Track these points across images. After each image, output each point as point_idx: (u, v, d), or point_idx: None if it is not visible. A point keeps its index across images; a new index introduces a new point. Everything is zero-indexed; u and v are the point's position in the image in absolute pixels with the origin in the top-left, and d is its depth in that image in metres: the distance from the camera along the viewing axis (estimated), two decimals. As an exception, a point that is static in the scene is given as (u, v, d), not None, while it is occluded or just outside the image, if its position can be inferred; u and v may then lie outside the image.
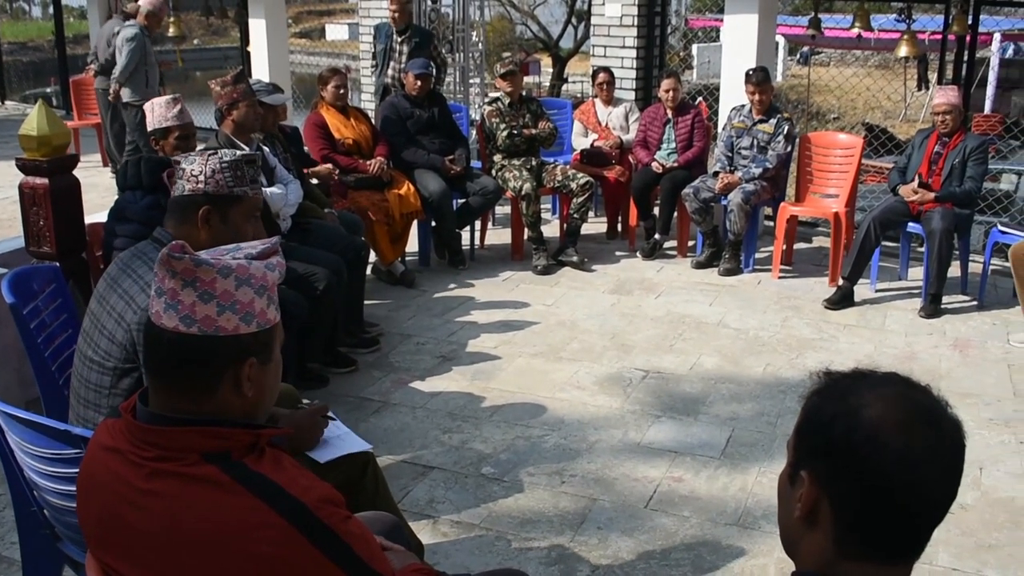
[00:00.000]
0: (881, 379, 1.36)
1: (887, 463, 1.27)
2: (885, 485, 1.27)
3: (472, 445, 4.36)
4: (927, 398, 1.34)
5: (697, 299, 6.40)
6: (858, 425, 1.29)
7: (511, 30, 33.42)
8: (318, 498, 1.67)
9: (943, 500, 1.31)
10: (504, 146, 7.09)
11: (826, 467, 1.32)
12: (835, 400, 1.34)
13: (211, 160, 2.73)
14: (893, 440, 1.27)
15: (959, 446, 1.32)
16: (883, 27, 13.63)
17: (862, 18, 7.39)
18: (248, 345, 1.70)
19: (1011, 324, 5.99)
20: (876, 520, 1.29)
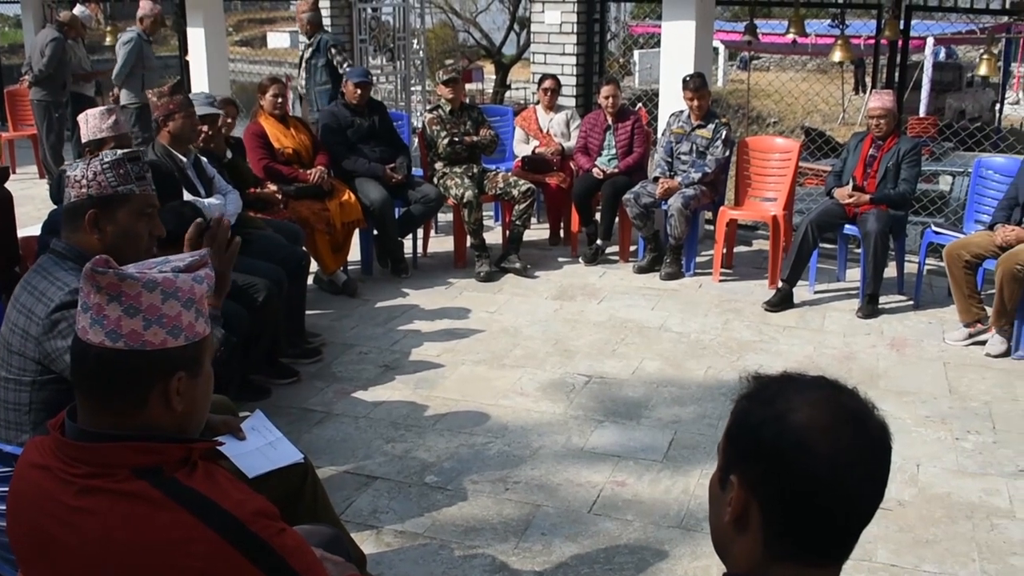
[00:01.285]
0: (809, 383, 1.38)
1: (815, 466, 1.28)
2: (813, 488, 1.29)
3: (415, 454, 4.35)
4: (854, 401, 1.35)
5: (639, 304, 6.44)
6: (786, 429, 1.30)
7: (453, 37, 33.42)
8: (252, 511, 1.66)
9: (870, 501, 1.33)
10: (445, 154, 7.09)
11: (755, 471, 1.33)
12: (764, 404, 1.35)
13: (92, 163, 2.69)
14: (820, 443, 1.28)
15: (886, 448, 1.34)
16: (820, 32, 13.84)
17: (796, 24, 7.50)
18: (176, 359, 1.69)
19: (946, 323, 6.10)
20: (805, 522, 1.31)
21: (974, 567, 3.56)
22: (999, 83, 23.51)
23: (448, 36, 33.14)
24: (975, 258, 5.76)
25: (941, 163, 11.19)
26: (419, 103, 10.72)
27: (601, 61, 8.88)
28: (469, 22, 32.32)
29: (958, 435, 4.64)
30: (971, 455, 4.44)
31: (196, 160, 5.21)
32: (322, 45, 8.34)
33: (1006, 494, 4.09)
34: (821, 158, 12.56)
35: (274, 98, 6.56)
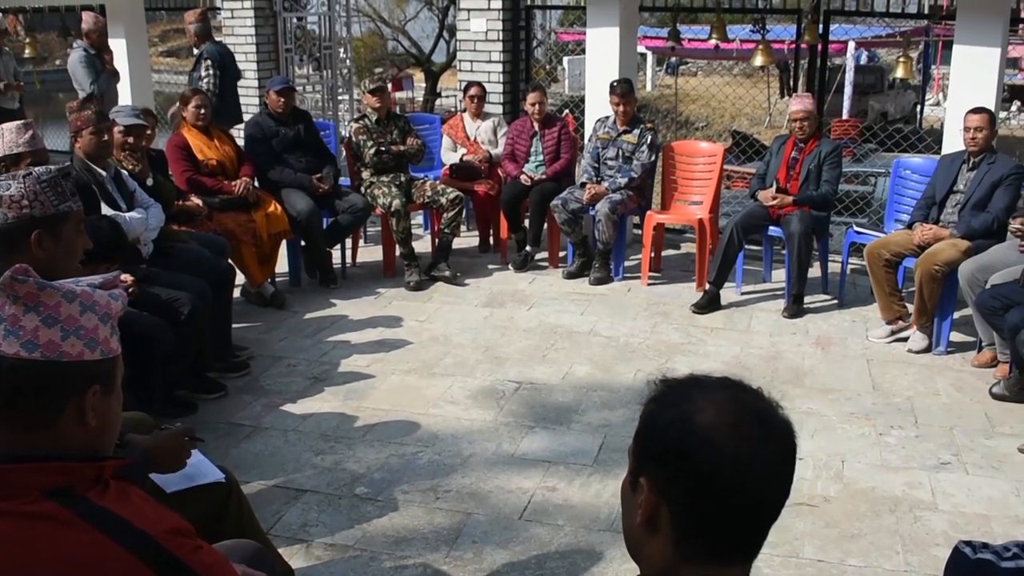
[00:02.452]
0: (714, 384, 1.39)
1: (721, 465, 1.29)
2: (720, 488, 1.30)
3: (345, 466, 4.32)
4: (759, 401, 1.37)
5: (569, 309, 6.46)
6: (692, 430, 1.31)
7: (382, 45, 33.37)
8: (166, 529, 1.64)
9: (776, 499, 1.35)
10: (372, 163, 7.06)
11: (663, 472, 1.34)
12: (670, 407, 1.36)
13: (28, 181, 2.64)
14: (726, 442, 1.30)
15: (790, 445, 1.35)
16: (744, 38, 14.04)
17: (718, 29, 7.60)
18: (92, 372, 1.67)
19: (869, 321, 6.21)
20: (713, 522, 1.32)
21: (898, 559, 3.62)
22: (920, 85, 24.06)
23: (377, 44, 33.08)
24: (895, 257, 5.88)
25: (862, 164, 11.42)
26: (347, 112, 10.67)
27: (527, 68, 8.91)
28: (398, 30, 32.29)
29: (882, 430, 4.73)
30: (894, 450, 4.53)
31: (117, 174, 5.12)
32: (203, 57, 8.21)
33: (928, 487, 4.18)
34: (747, 161, 12.72)
35: (196, 109, 6.47)
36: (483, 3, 8.50)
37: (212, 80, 8.04)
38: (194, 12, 8.39)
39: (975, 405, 5.06)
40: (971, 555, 1.79)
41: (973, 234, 5.63)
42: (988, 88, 6.32)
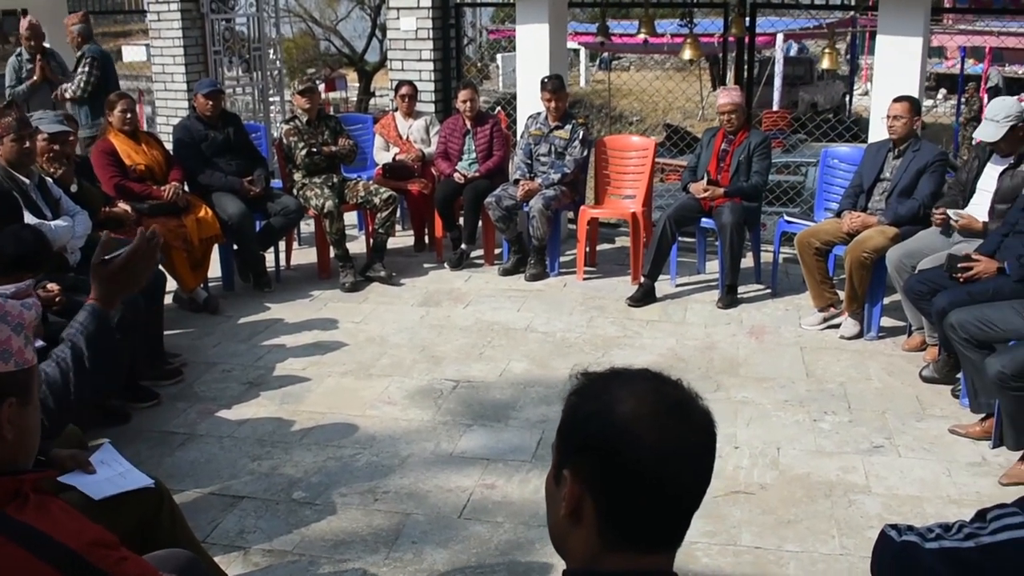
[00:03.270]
0: (634, 376, 1.40)
1: (641, 456, 1.30)
2: (641, 477, 1.31)
3: (282, 470, 4.28)
4: (677, 391, 1.38)
5: (505, 306, 6.47)
6: (613, 421, 1.32)
7: (314, 46, 33.09)
8: (89, 542, 1.61)
9: (697, 488, 1.36)
10: (304, 164, 7.00)
11: (586, 464, 1.34)
12: (591, 399, 1.37)
13: None
14: (646, 433, 1.31)
15: (710, 435, 1.37)
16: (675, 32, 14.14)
17: (647, 24, 7.64)
18: (7, 384, 1.63)
19: (802, 309, 6.30)
20: (635, 512, 1.33)
21: (834, 543, 3.68)
22: (848, 75, 24.45)
23: (309, 45, 32.80)
24: (825, 245, 5.96)
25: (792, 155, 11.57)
26: (278, 114, 10.56)
27: (458, 66, 8.89)
28: (330, 30, 32.04)
29: (816, 417, 4.80)
30: (828, 435, 4.59)
31: (41, 181, 5.02)
32: (84, 56, 8.08)
33: (862, 470, 4.25)
34: (680, 154, 12.83)
35: (123, 113, 6.35)
36: (413, 2, 8.45)
37: (85, 79, 7.95)
38: (76, 14, 8.31)
39: (906, 388, 5.15)
40: (896, 538, 1.82)
41: (900, 221, 5.73)
42: (911, 77, 6.43)
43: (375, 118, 8.77)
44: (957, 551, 1.67)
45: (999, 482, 4.13)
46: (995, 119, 5.24)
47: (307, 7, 31.60)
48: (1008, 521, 1.65)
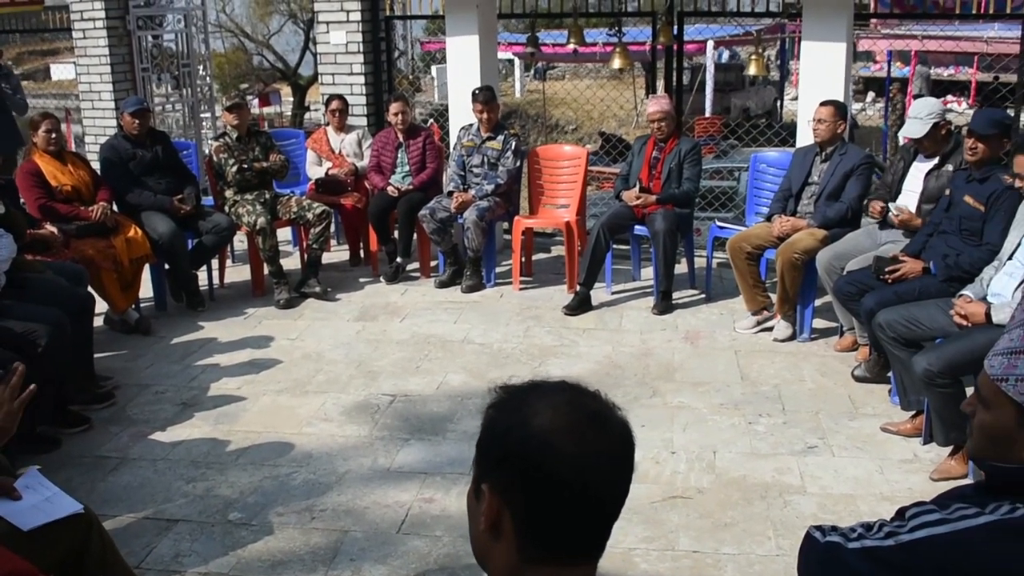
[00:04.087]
0: (552, 388, 1.40)
1: (559, 468, 1.30)
2: (559, 489, 1.31)
3: (218, 492, 4.22)
4: (595, 402, 1.38)
5: (442, 318, 6.45)
6: (530, 434, 1.32)
7: (247, 61, 32.85)
8: (4, 574, 1.58)
9: (615, 497, 1.36)
10: (235, 181, 6.93)
11: (504, 477, 1.34)
12: (509, 412, 1.36)
13: None
14: (563, 445, 1.30)
15: (628, 445, 1.37)
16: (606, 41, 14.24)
17: (576, 34, 7.69)
18: None
19: (736, 313, 6.36)
20: (554, 524, 1.33)
21: (770, 544, 3.72)
22: (779, 80, 24.81)
23: (241, 60, 32.57)
24: (756, 249, 6.03)
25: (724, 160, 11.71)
26: (209, 130, 10.45)
27: (390, 79, 8.88)
28: (262, 45, 31.84)
29: (751, 419, 4.85)
30: (763, 437, 4.65)
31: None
32: None
33: (797, 471, 4.30)
34: (612, 162, 12.91)
35: (47, 134, 6.24)
36: (342, 16, 8.43)
37: None
38: None
39: (839, 389, 5.23)
40: (821, 539, 1.84)
41: (829, 223, 5.82)
42: (836, 81, 6.54)
43: (307, 132, 8.71)
44: (878, 549, 1.70)
45: (930, 478, 4.21)
46: (919, 117, 5.36)
47: (239, 22, 31.42)
48: (925, 519, 1.69)
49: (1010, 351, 1.69)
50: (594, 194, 10.85)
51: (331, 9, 8.45)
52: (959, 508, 1.68)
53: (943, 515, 1.68)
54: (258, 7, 32.44)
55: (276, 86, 29.67)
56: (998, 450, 1.72)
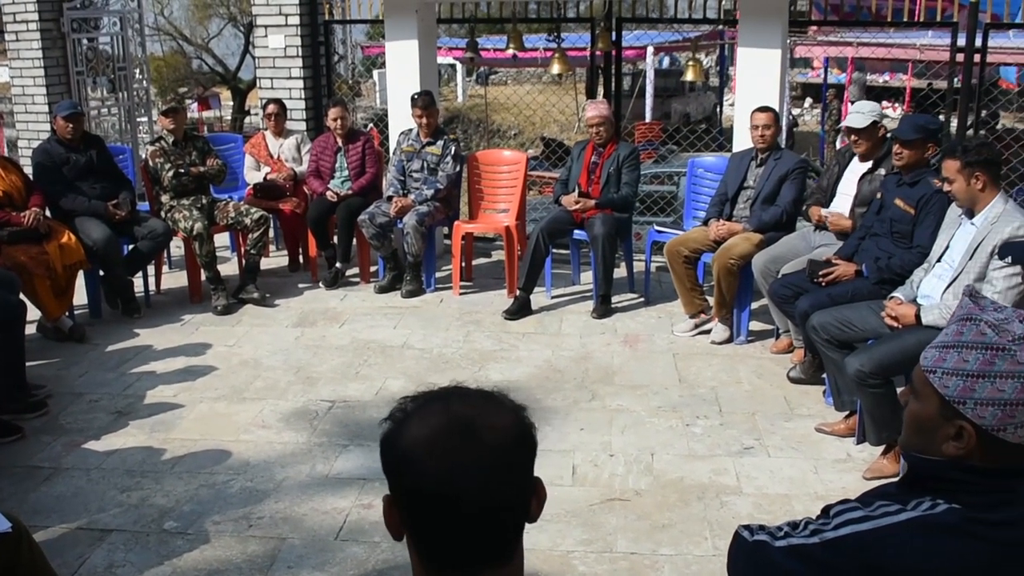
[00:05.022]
0: (433, 397, 1.39)
1: (421, 481, 1.29)
2: (427, 501, 1.30)
3: (153, 501, 4.17)
4: (471, 409, 1.35)
5: (381, 323, 6.43)
6: (397, 446, 1.32)
7: (186, 64, 32.48)
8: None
9: (497, 504, 1.33)
10: (171, 186, 6.85)
11: (393, 488, 1.35)
12: (395, 424, 1.36)
13: None
14: (425, 458, 1.29)
15: (503, 452, 1.33)
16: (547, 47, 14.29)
17: (515, 39, 7.71)
18: None
19: (674, 316, 6.42)
20: (436, 534, 1.32)
21: (707, 544, 3.75)
22: (719, 86, 25.06)
23: (180, 63, 32.19)
24: (693, 253, 6.10)
25: (663, 165, 11.80)
26: (146, 135, 10.32)
27: (329, 83, 8.84)
28: (201, 48, 31.52)
29: (688, 421, 4.89)
30: (700, 439, 4.69)
31: None
32: None
33: (733, 472, 4.35)
34: (551, 167, 12.97)
35: (-24, 139, 6.14)
36: (281, 19, 8.38)
37: None
38: None
39: (775, 390, 5.30)
40: (748, 538, 1.87)
41: (764, 227, 5.90)
42: (771, 87, 6.63)
43: (246, 137, 8.64)
44: (803, 547, 1.73)
45: (863, 477, 4.28)
46: (861, 112, 5.49)
47: (177, 25, 31.07)
48: (849, 516, 1.72)
49: (942, 345, 1.73)
50: (535, 199, 10.87)
51: (269, 13, 8.39)
52: (882, 505, 1.71)
53: (866, 512, 1.71)
54: (197, 10, 32.11)
55: (216, 90, 29.38)
56: (923, 441, 1.75)
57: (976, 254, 4.19)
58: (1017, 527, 1.66)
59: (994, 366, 1.64)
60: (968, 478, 1.68)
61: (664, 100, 23.11)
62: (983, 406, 1.65)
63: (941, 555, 1.63)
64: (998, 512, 1.65)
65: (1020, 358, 1.62)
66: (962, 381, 1.67)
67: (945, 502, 1.67)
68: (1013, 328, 1.65)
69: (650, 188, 10.07)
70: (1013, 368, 1.62)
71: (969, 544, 1.63)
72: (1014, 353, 1.63)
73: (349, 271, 7.44)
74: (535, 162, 14.61)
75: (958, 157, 4.24)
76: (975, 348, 1.67)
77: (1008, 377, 1.63)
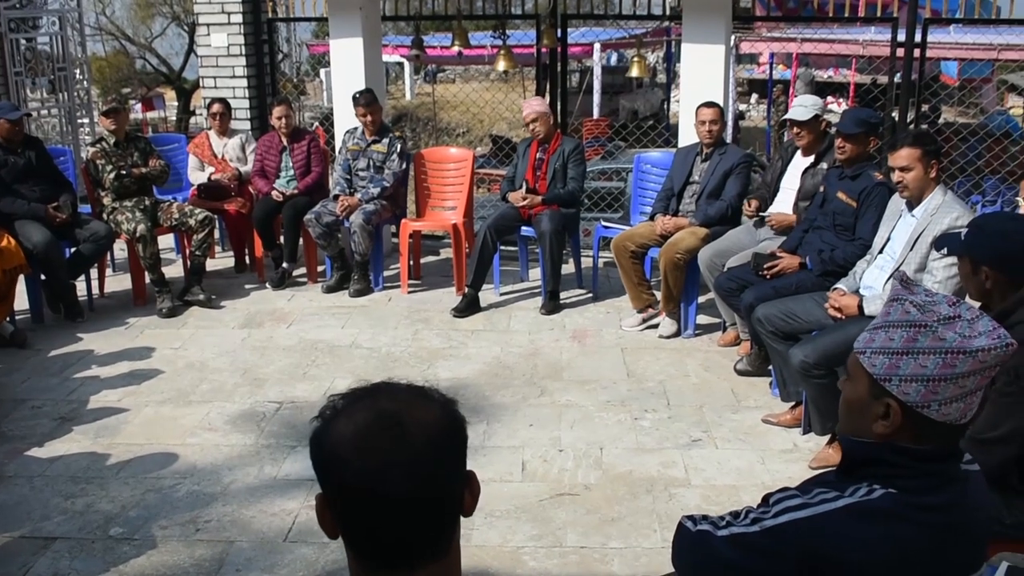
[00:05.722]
0: (360, 394, 1.38)
1: (347, 478, 1.29)
2: (356, 498, 1.29)
3: (98, 507, 4.11)
4: (398, 404, 1.35)
5: (329, 323, 6.40)
6: (323, 445, 1.31)
7: (129, 64, 32.01)
8: None
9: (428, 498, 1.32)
10: (113, 188, 6.76)
11: (324, 487, 1.34)
12: (322, 423, 1.35)
13: None
14: (350, 455, 1.29)
15: (431, 446, 1.32)
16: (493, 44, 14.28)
17: (460, 36, 7.69)
18: None
19: (622, 311, 6.46)
20: (369, 532, 1.31)
21: (656, 537, 3.78)
22: (666, 82, 25.22)
23: (123, 63, 31.71)
24: (640, 248, 6.13)
25: (610, 161, 11.85)
26: (88, 136, 10.17)
27: (273, 82, 8.77)
28: (145, 48, 31.10)
29: (637, 415, 4.92)
30: (649, 432, 4.72)
31: None
32: None
33: (681, 465, 4.38)
34: (499, 164, 12.97)
35: (-90, 143, 6.01)
36: (223, 18, 8.30)
37: None
38: None
39: (722, 382, 5.35)
40: (692, 528, 1.89)
41: (710, 221, 5.95)
42: (716, 82, 6.68)
43: (190, 137, 8.55)
44: (744, 535, 1.75)
45: (809, 466, 4.33)
46: (804, 105, 5.57)
47: (119, 24, 30.62)
48: (788, 504, 1.74)
49: (872, 327, 1.77)
50: (483, 196, 10.88)
51: (212, 11, 8.31)
52: (820, 492, 1.74)
53: (804, 499, 1.73)
54: (140, 9, 31.65)
55: (160, 90, 29.02)
56: (856, 424, 1.79)
57: (917, 245, 4.26)
58: (948, 511, 1.69)
59: (917, 343, 1.68)
60: (901, 461, 1.71)
61: (612, 97, 23.23)
62: (907, 382, 1.68)
63: (876, 540, 1.65)
64: (930, 496, 1.69)
65: (942, 335, 1.66)
66: (888, 359, 1.71)
67: (881, 487, 1.70)
68: (939, 309, 1.70)
69: (598, 184, 10.12)
70: (935, 344, 1.66)
71: (903, 529, 1.66)
72: (936, 330, 1.67)
73: (296, 271, 7.39)
74: (483, 160, 14.62)
75: (918, 145, 4.28)
76: (900, 326, 1.71)
77: (931, 353, 1.67)
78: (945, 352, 1.66)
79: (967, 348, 1.65)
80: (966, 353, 1.65)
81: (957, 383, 1.67)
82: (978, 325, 1.68)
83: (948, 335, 1.66)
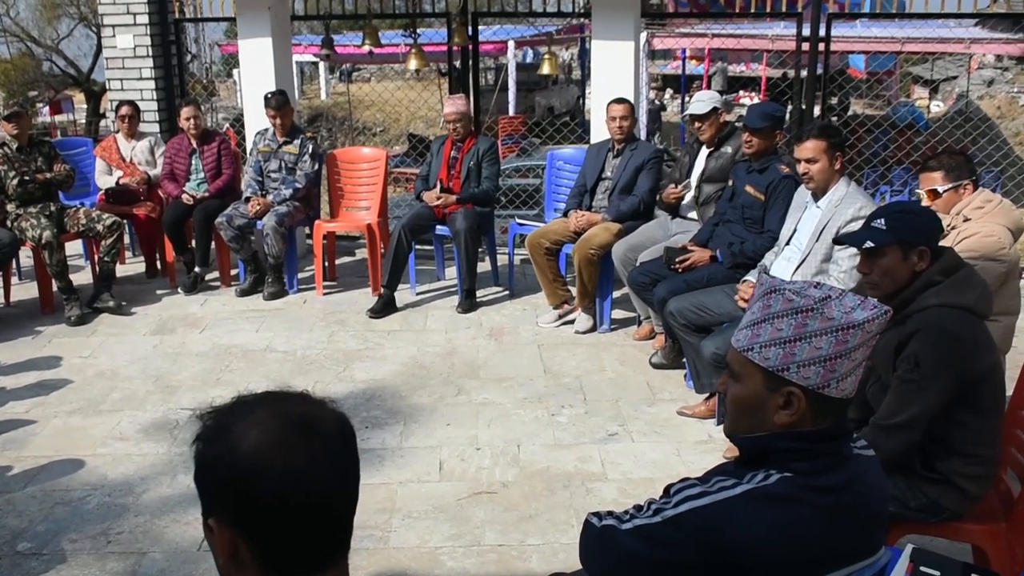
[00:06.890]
0: (254, 403, 1.35)
1: (274, 487, 1.27)
2: (281, 506, 1.28)
3: (4, 522, 4.00)
4: (301, 406, 1.35)
5: (243, 327, 6.32)
6: (238, 460, 1.28)
7: (36, 67, 31.22)
8: None
9: (345, 496, 1.35)
10: (16, 194, 6.58)
11: (227, 510, 1.30)
12: (216, 441, 1.32)
13: None
14: (273, 462, 1.27)
15: (345, 440, 1.35)
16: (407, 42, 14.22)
17: (371, 35, 7.64)
18: None
19: (539, 308, 6.48)
20: (289, 540, 1.30)
21: (573, 532, 3.79)
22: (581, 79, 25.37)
23: (29, 66, 30.90)
24: (554, 244, 6.16)
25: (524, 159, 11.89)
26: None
27: (182, 83, 8.62)
28: (51, 49, 30.34)
29: (554, 411, 4.95)
30: (566, 428, 4.75)
31: None
32: None
33: (598, 459, 4.41)
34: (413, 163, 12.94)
35: None
36: (129, 19, 8.14)
37: None
38: None
39: (638, 376, 5.40)
40: (597, 523, 1.91)
41: (623, 217, 6.00)
42: (626, 79, 6.74)
43: (97, 140, 8.37)
44: (647, 527, 1.77)
45: (724, 456, 4.37)
46: (702, 100, 5.67)
47: (24, 25, 29.84)
48: (688, 493, 1.77)
49: (752, 323, 1.80)
50: (398, 196, 10.84)
51: (117, 12, 8.14)
52: (719, 480, 1.77)
53: (704, 488, 1.76)
54: (45, 10, 30.88)
55: (68, 93, 28.36)
56: (752, 421, 1.82)
57: (822, 236, 4.34)
58: (842, 492, 1.73)
59: (807, 327, 1.72)
60: (795, 445, 1.75)
61: (528, 94, 23.28)
62: (806, 367, 1.73)
63: (773, 524, 1.69)
64: (824, 477, 1.73)
65: (829, 315, 1.72)
66: (781, 349, 1.74)
67: (778, 472, 1.73)
68: (812, 292, 1.76)
69: (513, 182, 10.14)
70: (825, 325, 1.71)
71: (799, 511, 1.70)
72: (822, 312, 1.72)
73: (209, 275, 7.29)
74: (398, 159, 14.57)
75: (823, 138, 4.36)
76: (786, 315, 1.75)
77: (823, 334, 1.72)
78: (836, 330, 1.71)
79: (854, 322, 1.71)
80: (855, 327, 1.71)
81: (850, 357, 1.73)
82: (846, 300, 1.75)
83: (834, 313, 1.72)
